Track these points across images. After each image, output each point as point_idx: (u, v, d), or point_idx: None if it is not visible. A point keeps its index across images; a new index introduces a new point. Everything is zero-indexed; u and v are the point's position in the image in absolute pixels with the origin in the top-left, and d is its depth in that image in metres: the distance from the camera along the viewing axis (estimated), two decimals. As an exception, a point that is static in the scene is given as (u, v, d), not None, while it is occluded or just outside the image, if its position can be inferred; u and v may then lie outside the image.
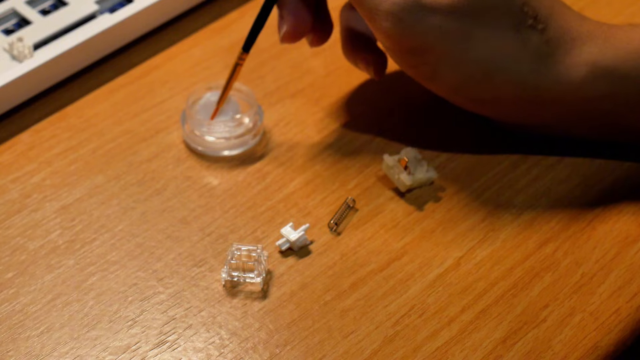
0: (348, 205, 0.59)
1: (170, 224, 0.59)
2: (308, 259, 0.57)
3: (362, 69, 0.63)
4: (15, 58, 0.65)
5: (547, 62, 0.58)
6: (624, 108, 0.59)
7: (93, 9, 0.68)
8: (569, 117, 0.60)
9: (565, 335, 0.54)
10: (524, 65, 0.58)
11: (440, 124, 0.64)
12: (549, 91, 0.58)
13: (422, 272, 0.56)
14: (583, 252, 0.57)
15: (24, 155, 0.63)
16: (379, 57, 0.62)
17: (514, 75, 0.58)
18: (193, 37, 0.70)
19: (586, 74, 0.58)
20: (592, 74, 0.58)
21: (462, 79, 0.58)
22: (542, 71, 0.58)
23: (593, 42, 0.58)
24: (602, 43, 0.58)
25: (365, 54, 0.62)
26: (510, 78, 0.58)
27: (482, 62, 0.58)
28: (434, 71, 0.58)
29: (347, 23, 0.63)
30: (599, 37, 0.58)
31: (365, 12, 0.58)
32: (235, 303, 0.55)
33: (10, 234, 0.58)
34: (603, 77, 0.58)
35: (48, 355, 0.53)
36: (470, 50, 0.57)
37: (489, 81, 0.58)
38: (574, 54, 0.58)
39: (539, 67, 0.58)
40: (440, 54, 0.57)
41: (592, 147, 0.62)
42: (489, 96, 0.59)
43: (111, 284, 0.56)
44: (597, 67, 0.57)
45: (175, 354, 0.53)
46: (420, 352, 0.53)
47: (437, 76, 0.59)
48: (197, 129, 0.62)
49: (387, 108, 0.65)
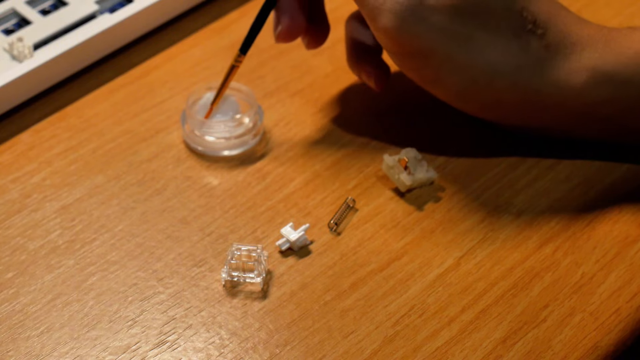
0: (348, 205, 0.59)
1: (170, 224, 0.59)
2: (308, 259, 0.57)
3: (364, 80, 0.63)
4: (15, 58, 0.65)
5: (547, 67, 0.58)
6: (625, 112, 0.59)
7: (93, 9, 0.68)
8: (570, 121, 0.60)
9: (565, 335, 0.54)
10: (524, 70, 0.58)
11: (440, 124, 0.64)
12: (550, 96, 0.58)
13: (422, 272, 0.56)
14: (583, 252, 0.57)
15: (24, 155, 0.63)
16: (382, 70, 0.63)
17: (515, 80, 0.58)
18: (193, 37, 0.70)
19: (587, 79, 0.58)
20: (593, 79, 0.58)
21: (464, 83, 0.58)
22: (543, 76, 0.58)
23: (593, 47, 0.58)
24: (602, 48, 0.58)
25: (369, 66, 0.63)
26: (511, 83, 0.58)
27: (484, 66, 0.58)
28: (436, 75, 0.58)
29: (352, 34, 0.63)
30: (599, 41, 0.58)
31: (367, 12, 0.58)
32: (235, 303, 0.55)
33: (10, 234, 0.58)
34: (604, 83, 0.57)
35: (48, 355, 0.53)
36: (471, 54, 0.57)
37: (490, 86, 0.58)
38: (573, 58, 0.58)
39: (540, 72, 0.58)
40: (442, 57, 0.57)
41: (592, 148, 0.62)
42: (491, 101, 0.59)
43: (111, 284, 0.56)
44: (598, 72, 0.57)
45: (175, 354, 0.53)
46: (420, 352, 0.53)
47: (439, 80, 0.59)
48: (197, 129, 0.62)
49: (387, 108, 0.65)
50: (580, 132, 0.61)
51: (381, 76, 0.63)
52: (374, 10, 0.57)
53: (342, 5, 0.68)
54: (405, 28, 0.57)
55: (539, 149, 0.62)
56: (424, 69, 0.59)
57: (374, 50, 0.63)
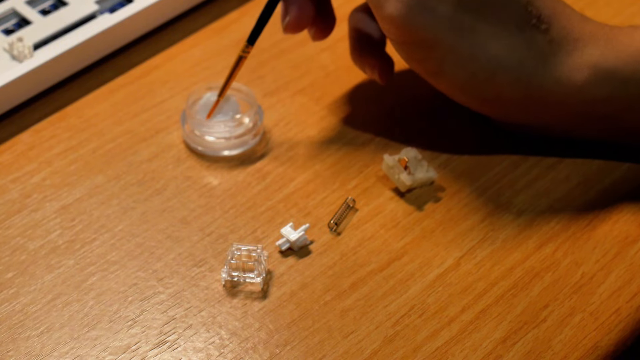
0: (348, 205, 0.59)
1: (170, 224, 0.59)
2: (308, 259, 0.57)
3: (368, 73, 0.63)
4: (15, 58, 0.65)
5: (549, 63, 0.58)
6: (625, 111, 0.59)
7: (93, 9, 0.68)
8: (570, 119, 0.60)
9: (565, 335, 0.54)
10: (527, 65, 0.58)
11: (440, 124, 0.64)
12: (552, 92, 0.58)
13: (422, 272, 0.56)
14: (583, 252, 0.57)
15: (24, 155, 0.63)
16: (386, 62, 0.62)
17: (517, 75, 0.58)
18: (193, 37, 0.70)
19: (588, 76, 0.58)
20: (594, 76, 0.58)
21: (467, 76, 0.58)
22: (545, 72, 0.58)
23: (595, 44, 0.58)
24: (603, 45, 0.58)
25: (373, 59, 0.62)
26: (513, 77, 0.58)
27: (487, 59, 0.58)
28: (439, 67, 0.58)
29: (356, 25, 0.63)
30: (600, 38, 0.58)
31: (373, 0, 0.58)
32: (235, 303, 0.55)
33: (10, 234, 0.58)
34: (604, 80, 0.58)
35: (48, 355, 0.53)
36: (475, 46, 0.57)
37: (493, 80, 0.58)
38: (575, 55, 0.58)
39: (542, 67, 0.58)
40: (446, 48, 0.57)
41: (592, 148, 0.62)
42: (492, 95, 0.59)
43: (111, 284, 0.56)
44: (599, 69, 0.57)
45: (175, 354, 0.53)
46: (420, 352, 0.53)
47: (442, 72, 0.59)
48: (197, 129, 0.62)
49: (387, 108, 0.65)
50: (580, 132, 0.61)
51: (386, 69, 0.63)
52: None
53: (343, 4, 0.68)
54: (411, 17, 0.57)
55: (539, 149, 0.62)
56: (428, 60, 0.59)
57: (378, 43, 0.63)
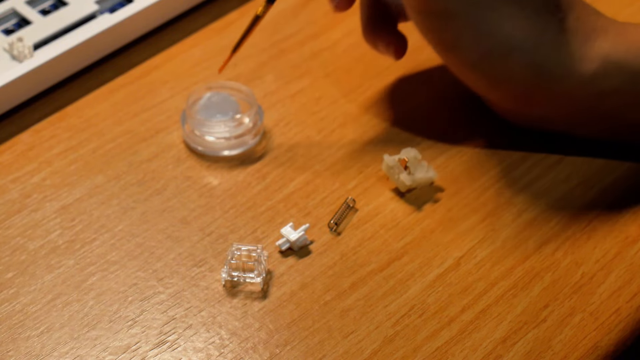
0: (348, 205, 0.59)
1: (170, 224, 0.59)
2: (308, 259, 0.57)
3: (382, 50, 0.63)
4: (15, 58, 0.65)
5: (562, 52, 0.58)
6: (630, 106, 0.59)
7: (93, 9, 0.68)
8: (574, 113, 0.60)
9: (565, 335, 0.54)
10: (541, 50, 0.58)
11: (440, 124, 0.64)
12: (560, 81, 0.58)
13: (422, 272, 0.56)
14: (583, 252, 0.57)
15: (24, 155, 0.63)
16: (399, 39, 0.62)
17: (531, 58, 0.58)
18: (193, 37, 0.70)
19: (597, 68, 0.58)
20: (603, 68, 0.58)
21: (482, 52, 0.58)
22: (557, 59, 0.58)
23: (606, 37, 0.58)
24: (613, 38, 0.58)
25: (387, 35, 0.62)
26: (527, 60, 0.58)
27: (503, 38, 0.57)
28: (456, 39, 0.58)
29: (369, 2, 0.63)
30: (612, 32, 0.58)
31: None
32: (235, 303, 0.55)
33: (10, 234, 0.58)
34: (613, 72, 0.58)
35: (48, 355, 0.53)
36: (493, 23, 0.57)
37: (507, 59, 0.58)
38: (587, 46, 0.58)
39: (555, 54, 0.58)
40: (464, 21, 0.57)
41: (593, 147, 0.62)
42: (504, 76, 0.59)
43: (111, 284, 0.56)
44: (608, 61, 0.58)
45: (175, 354, 0.53)
46: (420, 352, 0.53)
47: (458, 46, 0.58)
48: (197, 129, 0.62)
49: (387, 108, 0.65)
50: (582, 129, 0.61)
51: (400, 44, 0.63)
52: None
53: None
54: None
55: (539, 148, 0.62)
56: (445, 31, 0.58)
57: (391, 20, 0.63)
